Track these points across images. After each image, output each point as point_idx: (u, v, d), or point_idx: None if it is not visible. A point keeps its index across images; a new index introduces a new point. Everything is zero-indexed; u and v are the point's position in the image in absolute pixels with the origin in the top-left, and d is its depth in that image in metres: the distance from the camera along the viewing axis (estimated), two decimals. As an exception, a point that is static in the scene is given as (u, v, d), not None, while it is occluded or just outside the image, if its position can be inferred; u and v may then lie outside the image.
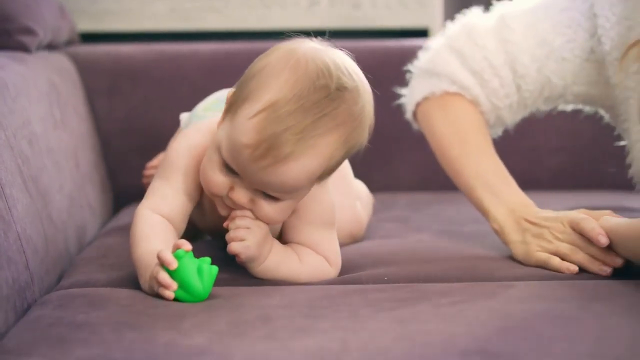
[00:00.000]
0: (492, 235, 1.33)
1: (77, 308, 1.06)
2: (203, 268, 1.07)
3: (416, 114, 1.45)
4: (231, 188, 1.11)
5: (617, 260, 1.18)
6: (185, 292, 1.07)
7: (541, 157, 1.87)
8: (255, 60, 1.12)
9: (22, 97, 1.37)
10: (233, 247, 1.12)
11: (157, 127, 1.81)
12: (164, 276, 1.06)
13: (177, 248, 1.07)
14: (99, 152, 1.79)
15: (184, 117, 1.43)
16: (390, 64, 1.74)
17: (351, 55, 1.13)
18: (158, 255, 1.06)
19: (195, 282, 1.06)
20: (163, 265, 1.06)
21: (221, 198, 1.13)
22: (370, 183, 1.58)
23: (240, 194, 1.11)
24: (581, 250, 1.20)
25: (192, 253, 1.08)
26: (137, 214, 1.16)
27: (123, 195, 1.81)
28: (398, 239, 1.43)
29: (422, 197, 1.75)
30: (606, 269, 1.18)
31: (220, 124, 1.13)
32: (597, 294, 1.10)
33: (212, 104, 1.37)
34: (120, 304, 1.07)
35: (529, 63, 1.37)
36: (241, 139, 1.07)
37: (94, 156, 1.73)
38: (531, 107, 1.42)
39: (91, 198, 1.61)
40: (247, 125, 1.07)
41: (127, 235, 1.17)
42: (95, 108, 1.83)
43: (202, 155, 1.15)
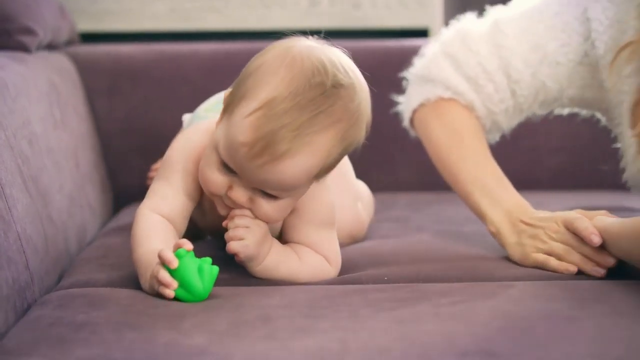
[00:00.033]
0: (492, 235, 1.33)
1: (77, 308, 1.06)
2: (204, 268, 1.07)
3: (413, 121, 1.45)
4: (230, 187, 1.11)
5: (609, 260, 1.18)
6: (186, 291, 1.07)
7: (541, 157, 1.87)
8: (252, 59, 1.12)
9: (22, 97, 1.37)
10: (232, 246, 1.12)
11: (157, 127, 1.81)
12: (164, 275, 1.06)
13: (178, 247, 1.07)
14: (99, 152, 1.79)
15: (187, 118, 1.43)
16: (390, 64, 1.73)
17: (348, 54, 1.13)
18: (159, 254, 1.06)
19: (196, 281, 1.06)
20: (164, 264, 1.06)
21: (220, 197, 1.13)
22: (371, 183, 1.58)
23: (239, 193, 1.11)
24: (574, 250, 1.20)
25: (193, 253, 1.08)
26: (138, 215, 1.16)
27: (123, 195, 1.81)
28: (398, 239, 1.43)
29: (422, 197, 1.75)
30: (600, 270, 1.18)
31: (218, 124, 1.13)
32: (597, 294, 1.10)
33: (214, 105, 1.37)
34: (120, 304, 1.07)
35: (523, 68, 1.37)
36: (238, 138, 1.07)
37: (94, 156, 1.73)
38: (527, 112, 1.42)
39: (91, 198, 1.61)
40: (243, 124, 1.07)
41: (127, 235, 1.17)
42: (95, 108, 1.83)
43: (202, 155, 1.15)
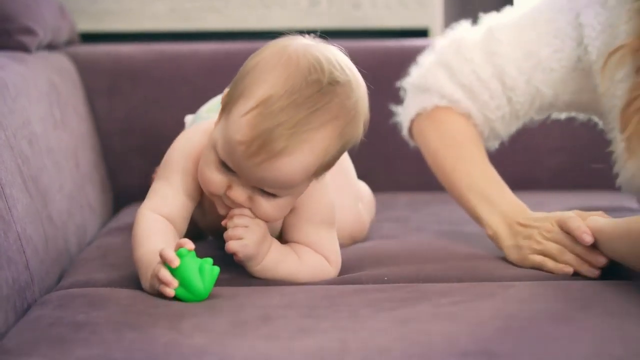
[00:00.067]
0: (492, 235, 1.33)
1: (77, 308, 1.06)
2: (205, 267, 1.07)
3: (411, 131, 1.45)
4: (229, 187, 1.11)
5: (600, 259, 1.18)
6: (186, 290, 1.06)
7: (541, 157, 1.87)
8: (248, 59, 1.12)
9: (22, 97, 1.37)
10: (231, 245, 1.12)
11: (157, 127, 1.81)
12: (165, 273, 1.06)
13: (179, 247, 1.07)
14: (99, 152, 1.79)
15: (189, 119, 1.43)
16: (390, 64, 1.73)
17: (345, 52, 1.13)
18: (160, 252, 1.06)
19: (197, 280, 1.06)
20: (165, 263, 1.06)
21: (220, 197, 1.13)
22: (371, 183, 1.58)
23: (238, 192, 1.11)
24: (567, 249, 1.20)
25: (194, 252, 1.08)
26: (138, 215, 1.16)
27: (123, 195, 1.81)
28: (398, 239, 1.43)
29: (422, 197, 1.75)
30: (594, 271, 1.18)
31: (217, 124, 1.13)
32: (597, 294, 1.10)
33: (215, 106, 1.37)
34: (120, 304, 1.07)
35: (517, 75, 1.37)
36: (235, 136, 1.07)
37: (94, 156, 1.73)
38: (524, 118, 1.43)
39: (91, 198, 1.61)
40: (240, 122, 1.07)
41: (127, 235, 1.17)
42: (95, 108, 1.83)
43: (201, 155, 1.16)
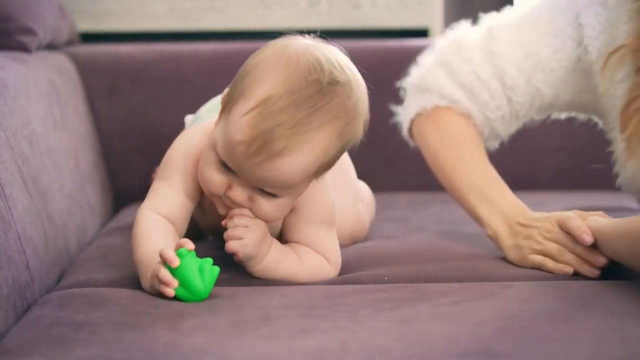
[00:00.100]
0: (492, 235, 1.32)
1: (77, 308, 1.06)
2: (205, 268, 1.07)
3: (411, 131, 1.45)
4: (229, 187, 1.11)
5: (600, 259, 1.18)
6: (186, 290, 1.06)
7: (541, 157, 1.87)
8: (248, 59, 1.12)
9: (22, 97, 1.37)
10: (230, 245, 1.12)
11: (157, 127, 1.81)
12: (165, 273, 1.06)
13: (180, 247, 1.07)
14: (99, 152, 1.79)
15: (189, 119, 1.43)
16: (390, 64, 1.73)
17: (345, 52, 1.13)
18: (160, 252, 1.06)
19: (197, 280, 1.06)
20: (165, 262, 1.06)
21: (220, 197, 1.13)
22: (371, 183, 1.58)
23: (238, 192, 1.11)
24: (567, 249, 1.20)
25: (194, 252, 1.08)
26: (139, 215, 1.16)
27: (123, 195, 1.81)
28: (398, 239, 1.43)
29: (422, 197, 1.75)
30: (594, 271, 1.18)
31: (217, 124, 1.13)
32: (597, 294, 1.10)
33: (216, 106, 1.37)
34: (120, 304, 1.07)
35: (517, 75, 1.37)
36: (235, 136, 1.07)
37: (94, 156, 1.73)
38: (524, 118, 1.42)
39: (91, 198, 1.61)
40: (240, 122, 1.07)
41: (127, 235, 1.17)
42: (95, 108, 1.83)
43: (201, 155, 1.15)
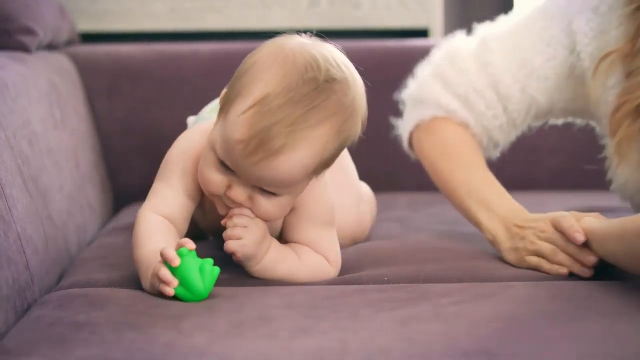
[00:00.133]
0: (492, 235, 1.32)
1: (77, 308, 1.06)
2: (205, 267, 1.07)
3: (411, 144, 1.45)
4: (229, 186, 1.11)
5: (590, 258, 1.18)
6: (186, 290, 1.06)
7: (541, 157, 1.87)
8: (245, 58, 1.13)
9: (22, 97, 1.37)
10: (229, 245, 1.12)
11: (157, 127, 1.81)
12: (165, 272, 1.06)
13: (180, 246, 1.07)
14: (99, 152, 1.79)
15: (191, 120, 1.43)
16: (390, 64, 1.74)
17: (342, 50, 1.13)
18: (161, 251, 1.06)
19: (197, 280, 1.06)
20: (166, 262, 1.06)
21: (220, 197, 1.13)
22: (371, 183, 1.58)
23: (238, 192, 1.11)
24: (560, 249, 1.20)
25: (195, 252, 1.08)
26: (139, 216, 1.16)
27: (123, 195, 1.81)
28: (398, 239, 1.43)
29: (422, 197, 1.75)
30: (586, 271, 1.18)
31: (216, 124, 1.13)
32: (596, 294, 1.10)
33: (217, 106, 1.37)
34: (120, 304, 1.07)
35: (512, 83, 1.37)
36: (233, 136, 1.07)
37: (94, 156, 1.73)
38: (521, 126, 1.43)
39: (91, 198, 1.61)
40: (238, 122, 1.07)
41: (127, 235, 1.17)
42: (95, 108, 1.83)
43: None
